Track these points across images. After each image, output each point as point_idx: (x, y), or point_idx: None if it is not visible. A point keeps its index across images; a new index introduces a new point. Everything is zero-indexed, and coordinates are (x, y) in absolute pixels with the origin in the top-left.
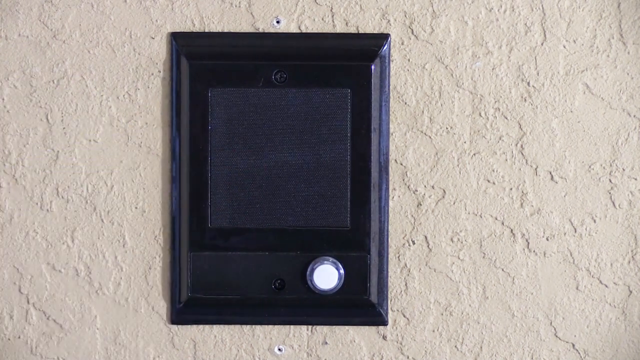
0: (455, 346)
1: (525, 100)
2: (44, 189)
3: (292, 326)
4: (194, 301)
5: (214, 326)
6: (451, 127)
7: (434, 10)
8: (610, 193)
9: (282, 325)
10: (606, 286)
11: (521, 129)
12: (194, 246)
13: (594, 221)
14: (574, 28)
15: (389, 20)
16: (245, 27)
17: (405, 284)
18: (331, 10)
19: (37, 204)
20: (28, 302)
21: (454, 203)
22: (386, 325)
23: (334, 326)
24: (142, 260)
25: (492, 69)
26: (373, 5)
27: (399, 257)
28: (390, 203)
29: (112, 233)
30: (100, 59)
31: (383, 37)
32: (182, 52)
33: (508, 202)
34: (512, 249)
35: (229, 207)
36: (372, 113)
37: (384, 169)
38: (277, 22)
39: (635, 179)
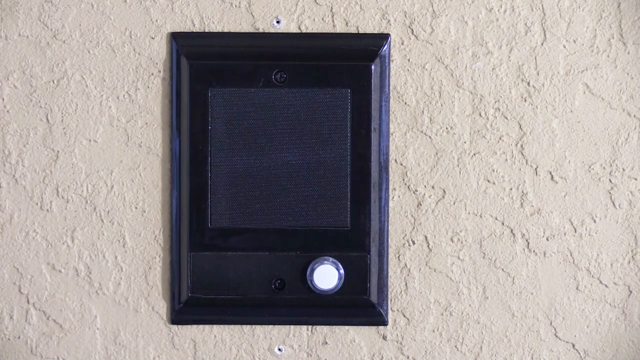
0: (455, 346)
1: (525, 100)
2: (44, 189)
3: (292, 326)
4: (194, 301)
5: (214, 326)
6: (451, 127)
7: (434, 10)
8: (610, 193)
9: (282, 325)
10: (606, 286)
11: (521, 129)
12: (194, 246)
13: (594, 221)
14: (574, 28)
15: (389, 20)
16: (245, 27)
17: (405, 284)
18: (331, 10)
19: (37, 204)
20: (28, 302)
21: (454, 203)
22: (386, 325)
23: (334, 326)
24: (142, 260)
25: (492, 69)
26: (373, 5)
27: (399, 257)
28: (390, 203)
29: (112, 233)
30: (100, 59)
31: (383, 37)
32: (182, 52)
33: (508, 202)
34: (512, 249)
35: (229, 207)
36: (372, 113)
37: (384, 169)
38: (277, 22)
39: (635, 179)
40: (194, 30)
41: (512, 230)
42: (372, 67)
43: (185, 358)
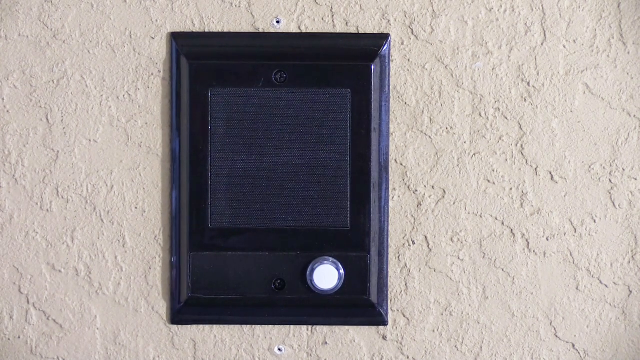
0: (455, 346)
1: (525, 100)
2: (44, 189)
3: (292, 326)
4: (194, 301)
5: (214, 326)
6: (451, 127)
7: (434, 10)
8: (610, 193)
9: (282, 325)
10: (606, 286)
11: (521, 129)
12: (194, 246)
13: (594, 221)
14: (574, 28)
15: (389, 20)
16: (245, 27)
17: (405, 284)
18: (331, 10)
19: (37, 204)
20: (28, 302)
21: (454, 203)
22: (386, 325)
23: (334, 326)
24: (142, 260)
25: (492, 69)
26: (373, 5)
27: (399, 257)
28: (390, 203)
29: (112, 233)
30: (100, 59)
31: (383, 37)
32: (182, 52)
33: (508, 202)
34: (512, 249)
35: (229, 207)
36: (372, 113)
37: (384, 169)
38: (277, 22)
39: (635, 179)
40: (194, 30)
41: (512, 230)
42: (372, 67)
43: (185, 358)
